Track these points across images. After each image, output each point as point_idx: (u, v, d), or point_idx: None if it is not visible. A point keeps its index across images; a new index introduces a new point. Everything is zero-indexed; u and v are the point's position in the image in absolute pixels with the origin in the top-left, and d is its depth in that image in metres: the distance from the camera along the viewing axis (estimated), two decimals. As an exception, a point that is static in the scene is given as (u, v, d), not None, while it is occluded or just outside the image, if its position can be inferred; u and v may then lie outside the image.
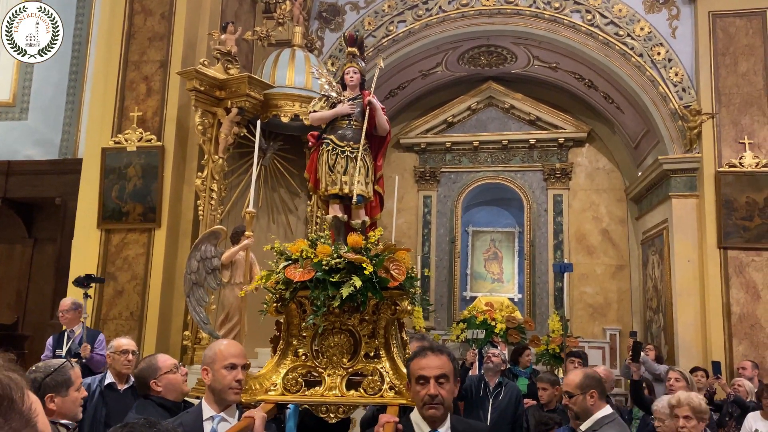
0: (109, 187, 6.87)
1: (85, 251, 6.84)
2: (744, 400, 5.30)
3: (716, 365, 6.39)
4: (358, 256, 3.03)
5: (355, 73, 3.71)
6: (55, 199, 7.85)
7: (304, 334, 3.14)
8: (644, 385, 5.54)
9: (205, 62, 6.65)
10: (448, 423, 2.32)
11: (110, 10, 7.37)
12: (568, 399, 3.25)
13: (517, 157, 10.70)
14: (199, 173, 6.74)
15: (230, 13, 7.69)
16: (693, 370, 6.12)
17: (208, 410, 2.55)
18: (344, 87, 3.72)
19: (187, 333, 6.48)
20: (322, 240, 3.23)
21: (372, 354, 3.12)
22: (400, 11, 8.85)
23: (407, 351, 3.28)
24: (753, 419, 4.74)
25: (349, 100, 3.63)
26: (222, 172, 6.75)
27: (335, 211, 3.60)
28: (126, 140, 6.94)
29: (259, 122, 4.98)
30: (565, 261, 9.70)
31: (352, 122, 3.60)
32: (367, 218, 3.65)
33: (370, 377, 3.04)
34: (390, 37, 8.85)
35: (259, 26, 7.74)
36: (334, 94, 3.67)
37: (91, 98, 7.49)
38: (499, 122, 10.75)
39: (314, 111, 3.68)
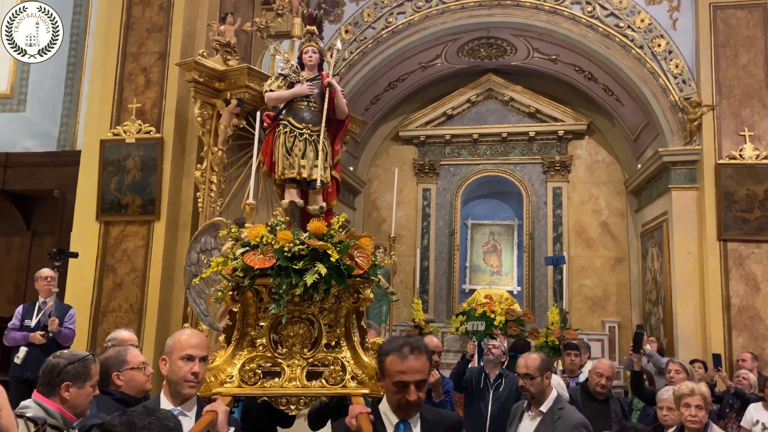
0: (108, 179, 6.84)
1: (84, 244, 6.81)
2: (745, 392, 5.32)
3: (717, 358, 6.40)
4: (321, 242, 2.90)
5: (314, 52, 3.56)
6: (53, 192, 7.82)
7: (262, 324, 3.00)
8: (645, 376, 5.55)
9: (204, 53, 6.61)
10: (418, 414, 2.26)
11: (108, 1, 7.32)
12: (528, 381, 3.37)
13: (516, 150, 10.68)
14: (199, 165, 6.71)
15: (229, 4, 7.64)
16: (691, 362, 6.14)
17: (165, 404, 2.41)
18: (302, 67, 3.56)
19: (186, 325, 6.46)
20: (282, 226, 3.06)
21: (333, 344, 3.02)
22: (399, 2, 8.81)
23: (366, 340, 3.16)
24: (755, 410, 4.75)
25: (307, 81, 3.48)
26: (221, 164, 6.71)
27: (292, 196, 3.46)
28: (125, 132, 6.91)
29: (258, 114, 4.92)
30: (559, 254, 9.69)
31: (311, 104, 3.46)
32: (324, 204, 3.53)
33: (332, 367, 2.95)
34: (389, 28, 8.82)
35: (258, 17, 7.69)
36: (292, 74, 3.51)
37: (90, 90, 7.45)
38: (499, 115, 10.72)
39: (271, 90, 3.51)
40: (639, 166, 9.43)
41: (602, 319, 9.94)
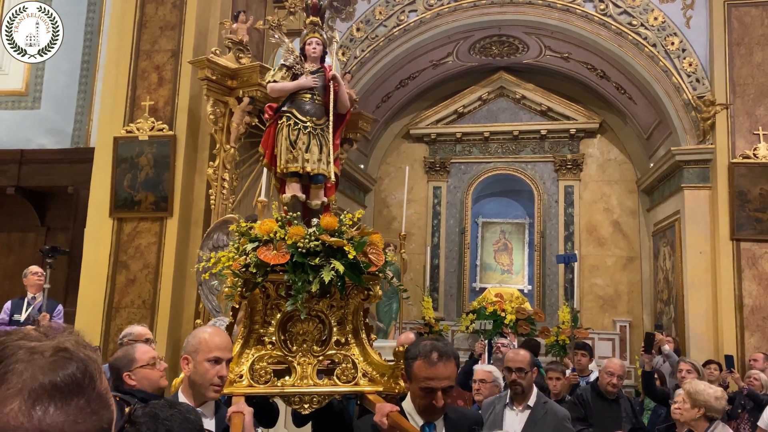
0: (121, 176, 6.90)
1: (97, 240, 6.87)
2: (758, 393, 5.28)
3: (729, 359, 6.36)
4: (337, 239, 2.86)
5: (318, 44, 3.46)
6: (67, 188, 7.89)
7: (271, 321, 2.93)
8: (656, 376, 5.53)
9: (217, 51, 6.64)
10: (442, 415, 2.27)
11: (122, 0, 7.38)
12: (521, 375, 3.41)
13: (528, 148, 10.65)
14: (211, 162, 6.75)
15: (241, 3, 7.67)
16: (706, 363, 6.11)
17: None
18: (305, 58, 3.48)
19: (199, 321, 6.51)
20: (295, 221, 2.97)
21: (343, 341, 2.99)
22: (411, 0, 8.80)
23: (371, 338, 3.15)
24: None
25: (311, 73, 3.39)
26: (233, 161, 6.75)
27: (294, 190, 3.35)
28: (138, 129, 6.96)
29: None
30: (569, 252, 9.67)
31: (315, 97, 3.37)
32: (326, 199, 3.46)
33: (343, 365, 2.92)
34: (401, 26, 8.81)
35: (270, 15, 7.71)
36: (296, 65, 3.42)
37: (103, 87, 7.51)
38: (510, 113, 10.70)
39: (274, 81, 3.40)
40: (651, 164, 9.38)
41: (613, 319, 9.91)
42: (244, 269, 2.85)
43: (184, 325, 6.71)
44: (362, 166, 10.35)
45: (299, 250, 2.80)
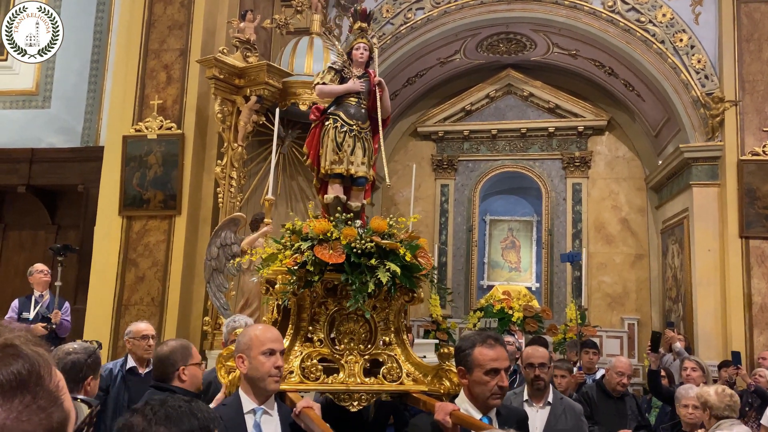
0: (130, 174, 6.95)
1: (107, 238, 6.94)
2: (765, 390, 5.26)
3: (736, 355, 6.34)
4: (390, 241, 2.94)
5: (366, 49, 3.51)
6: (77, 186, 7.96)
7: (319, 320, 3.00)
8: (663, 374, 5.52)
9: (225, 50, 6.68)
10: (495, 409, 2.36)
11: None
12: (544, 371, 3.41)
13: (535, 146, 10.63)
14: (219, 161, 6.80)
15: (249, 2, 7.71)
16: (722, 365, 6.10)
17: (248, 402, 2.36)
18: (350, 62, 3.52)
19: (207, 318, 6.56)
20: (349, 222, 3.04)
21: (388, 341, 3.06)
22: (418, -2, 8.80)
23: (408, 337, 3.22)
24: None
25: (357, 78, 3.45)
26: (241, 159, 6.80)
27: (336, 191, 3.41)
28: (146, 128, 7.01)
29: (277, 110, 5.01)
30: (576, 250, 9.65)
31: (361, 101, 3.43)
32: (365, 201, 3.53)
33: (389, 364, 2.99)
34: (408, 24, 8.82)
35: (277, 14, 7.74)
36: (345, 69, 3.48)
37: (113, 86, 7.57)
38: (518, 110, 10.67)
39: (323, 83, 3.44)
40: (660, 162, 9.34)
41: (621, 316, 9.88)
42: (299, 267, 2.87)
43: (193, 322, 6.77)
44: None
45: (354, 250, 2.85)
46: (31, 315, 5.92)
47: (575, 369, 5.79)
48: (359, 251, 2.86)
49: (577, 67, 9.83)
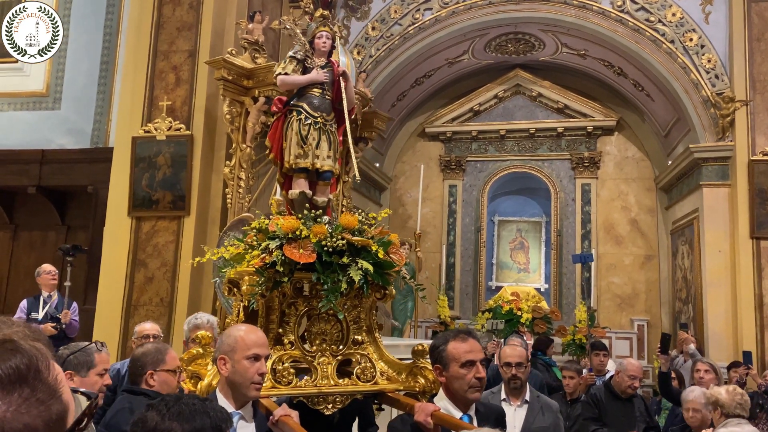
0: (139, 175, 6.98)
1: (116, 238, 6.96)
2: (776, 392, 5.21)
3: (747, 355, 6.30)
4: (362, 238, 2.83)
5: (329, 38, 3.36)
6: (87, 187, 8.00)
7: (289, 321, 2.88)
8: (673, 376, 5.49)
9: (233, 52, 6.69)
10: (474, 406, 2.34)
11: (140, 1, 7.46)
12: (521, 370, 3.47)
13: (544, 146, 10.60)
14: (227, 162, 6.81)
15: (257, 3, 7.72)
16: (731, 366, 6.05)
17: (226, 406, 2.17)
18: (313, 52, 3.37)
19: (215, 319, 6.57)
20: (320, 219, 2.91)
21: (360, 340, 2.97)
22: (426, -1, 8.80)
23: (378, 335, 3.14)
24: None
25: (321, 67, 3.30)
26: (250, 160, 6.80)
27: (302, 186, 3.28)
28: (156, 129, 7.04)
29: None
30: (587, 251, 9.61)
31: (325, 92, 3.30)
32: (331, 196, 3.42)
33: (363, 364, 2.91)
34: (416, 24, 8.81)
35: (285, 15, 7.75)
36: (308, 58, 3.33)
37: (122, 88, 7.60)
38: (527, 110, 10.64)
39: (285, 74, 3.30)
40: (669, 162, 9.29)
41: (631, 318, 9.83)
42: (267, 267, 2.76)
43: (202, 322, 6.78)
44: (378, 165, 10.36)
45: (325, 249, 2.75)
46: (40, 315, 5.97)
47: (585, 371, 5.76)
48: (330, 249, 2.74)
49: (586, 67, 9.79)
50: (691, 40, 8.06)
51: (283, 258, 2.73)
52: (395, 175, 11.03)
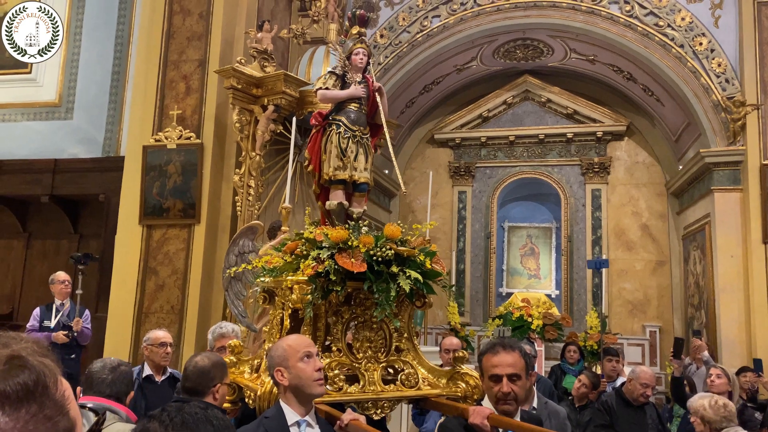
0: (150, 183, 7.03)
1: (127, 246, 7.02)
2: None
3: (758, 363, 6.23)
4: (408, 248, 2.93)
5: (365, 54, 3.50)
6: (99, 196, 8.07)
7: (337, 328, 2.97)
8: (686, 382, 5.44)
9: (242, 60, 6.75)
10: (518, 415, 2.36)
11: (150, 11, 7.54)
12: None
13: (554, 152, 10.57)
14: (237, 170, 6.85)
15: (266, 12, 7.78)
16: (740, 371, 5.98)
17: (291, 414, 2.32)
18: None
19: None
20: (365, 230, 3.03)
21: (402, 347, 3.06)
22: (434, 6, 8.82)
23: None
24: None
25: (358, 83, 3.44)
26: (259, 168, 6.84)
27: (339, 197, 3.38)
28: (166, 138, 7.10)
29: (294, 119, 5.05)
30: (600, 257, 9.56)
31: (362, 106, 3.42)
32: (365, 207, 3.51)
33: (406, 371, 2.98)
34: (424, 32, 8.84)
35: (294, 24, 7.81)
36: (346, 74, 3.46)
37: (133, 97, 7.68)
38: (536, 116, 10.63)
39: (326, 88, 3.43)
40: (680, 167, 9.23)
41: (643, 324, 9.75)
42: (319, 276, 2.84)
43: (212, 330, 6.80)
44: (387, 172, 10.38)
45: (374, 258, 2.83)
46: (53, 323, 6.02)
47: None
48: (379, 259, 2.83)
49: (595, 72, 9.77)
50: (700, 44, 8.02)
51: (336, 267, 2.82)
52: (404, 181, 10.99)
